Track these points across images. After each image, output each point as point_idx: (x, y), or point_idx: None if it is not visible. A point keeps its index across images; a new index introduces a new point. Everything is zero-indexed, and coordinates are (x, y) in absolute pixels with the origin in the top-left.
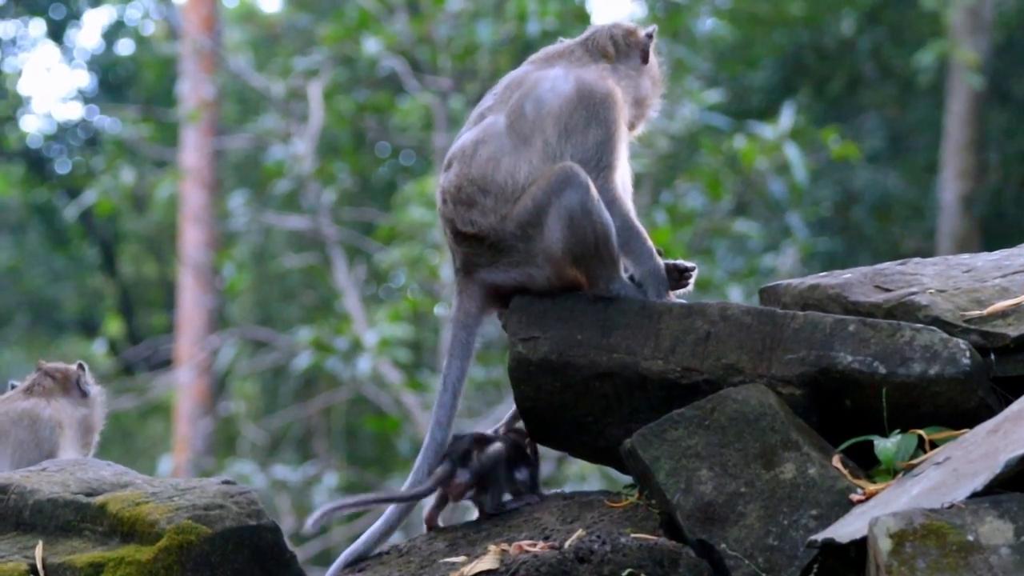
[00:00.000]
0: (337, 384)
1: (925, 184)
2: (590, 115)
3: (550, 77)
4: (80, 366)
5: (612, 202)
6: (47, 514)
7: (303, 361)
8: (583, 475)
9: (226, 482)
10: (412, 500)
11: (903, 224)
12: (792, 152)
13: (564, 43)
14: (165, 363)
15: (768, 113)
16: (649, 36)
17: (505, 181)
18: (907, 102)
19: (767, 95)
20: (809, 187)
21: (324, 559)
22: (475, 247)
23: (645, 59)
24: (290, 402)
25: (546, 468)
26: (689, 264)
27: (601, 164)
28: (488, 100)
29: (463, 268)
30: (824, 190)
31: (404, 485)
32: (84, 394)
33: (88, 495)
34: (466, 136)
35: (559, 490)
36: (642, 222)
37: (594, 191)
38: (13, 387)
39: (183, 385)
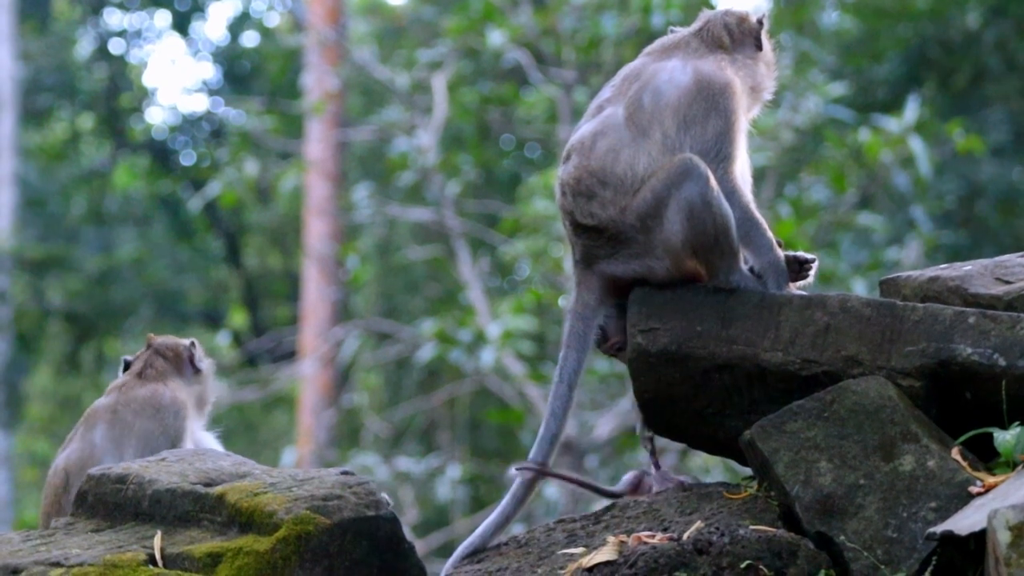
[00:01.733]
0: (461, 376)
1: None
2: (709, 106)
3: (668, 68)
4: (192, 343)
5: (732, 193)
6: (166, 504)
7: (427, 353)
8: (707, 467)
9: (345, 472)
10: (610, 498)
11: None
12: (917, 145)
13: (679, 33)
14: (289, 355)
15: (892, 106)
16: (760, 22)
17: (624, 173)
18: None
19: (892, 88)
20: (933, 180)
21: (446, 551)
22: (594, 239)
23: (759, 46)
24: (413, 394)
25: (669, 460)
26: (809, 256)
27: (721, 155)
28: (606, 92)
29: (582, 260)
30: (948, 183)
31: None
32: (197, 371)
33: (207, 485)
34: (585, 128)
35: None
36: (765, 215)
37: (714, 182)
38: (127, 364)
39: (307, 377)
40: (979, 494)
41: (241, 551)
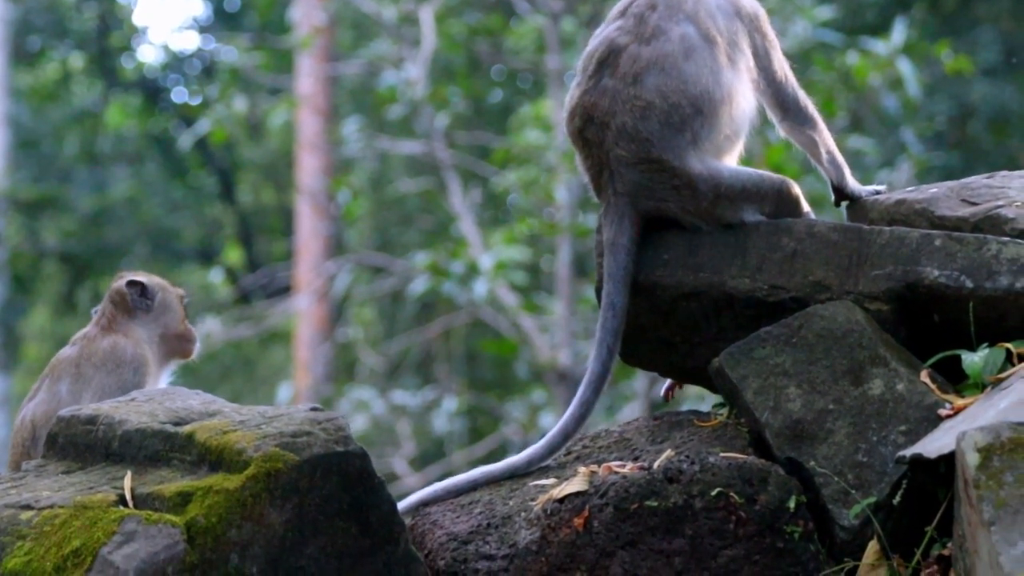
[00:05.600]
0: (455, 308)
1: None
2: (762, 34)
3: None
4: (129, 283)
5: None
6: (135, 444)
7: (419, 286)
8: (701, 395)
9: (314, 408)
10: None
11: (1020, 137)
12: (905, 67)
13: None
14: (284, 290)
15: (881, 29)
16: None
17: (724, 105)
18: (1022, 15)
19: (880, 11)
20: (924, 102)
21: None
22: (654, 175)
23: None
24: (408, 327)
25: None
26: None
27: (790, 82)
28: (652, 14)
29: (629, 194)
30: (940, 104)
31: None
32: (147, 310)
33: (176, 424)
34: (659, 46)
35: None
36: (755, 141)
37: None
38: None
39: (302, 312)
40: (948, 417)
41: (211, 490)
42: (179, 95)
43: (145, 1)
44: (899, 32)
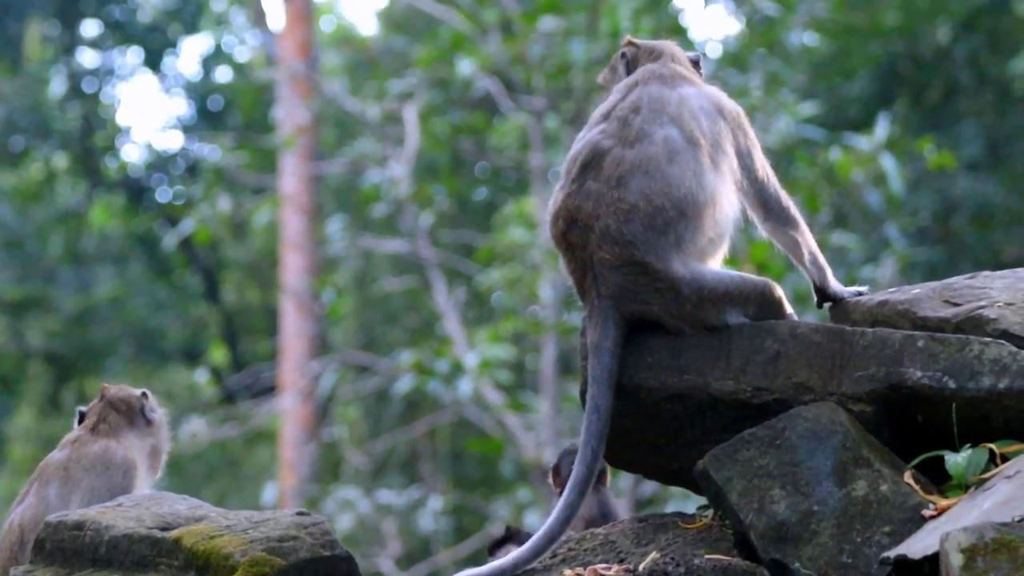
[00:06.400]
0: (440, 407)
1: None
2: (744, 133)
3: (691, 95)
4: (143, 394)
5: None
6: (123, 550)
7: (404, 384)
8: (687, 494)
9: (300, 513)
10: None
11: (1004, 232)
12: (888, 163)
13: (661, 63)
14: (269, 390)
15: (865, 124)
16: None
17: (707, 208)
18: (1005, 109)
19: (864, 106)
20: (908, 197)
21: None
22: (636, 278)
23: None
24: (394, 426)
25: (649, 487)
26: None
27: (773, 181)
28: (630, 116)
29: (613, 297)
30: (923, 199)
31: (552, 514)
32: (149, 422)
33: (163, 530)
34: (643, 149)
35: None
36: (739, 236)
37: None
38: (81, 415)
39: (287, 411)
40: (932, 517)
41: None
42: (163, 195)
43: (128, 101)
44: (882, 128)
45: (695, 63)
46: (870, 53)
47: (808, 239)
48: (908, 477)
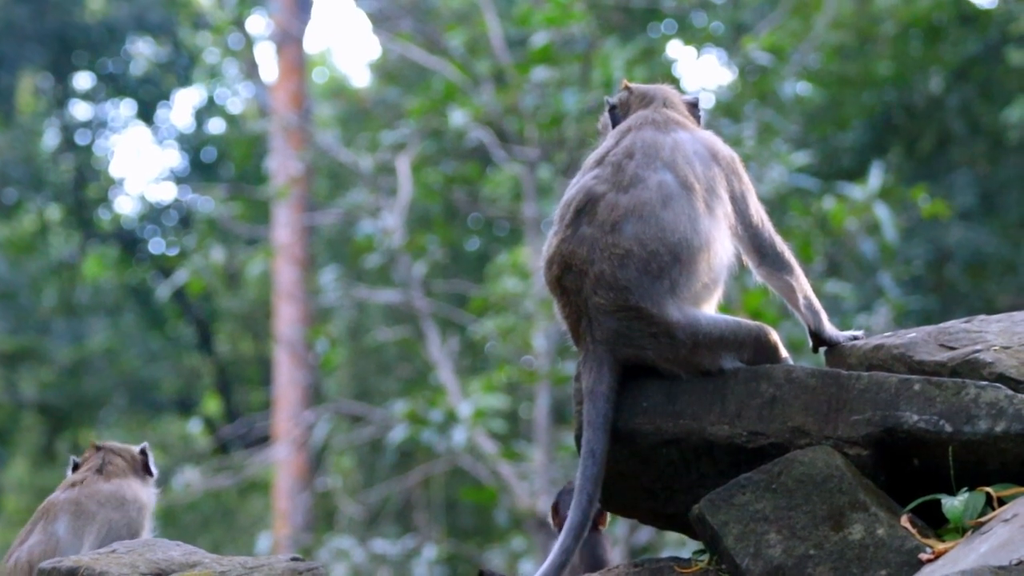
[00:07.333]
0: (434, 457)
1: (1018, 240)
2: (738, 178)
3: (685, 140)
4: (144, 449)
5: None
6: None
7: (398, 434)
8: (683, 540)
9: (294, 558)
10: None
11: (997, 280)
12: (882, 212)
13: (653, 108)
14: (263, 440)
15: (858, 174)
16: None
17: (701, 255)
18: (997, 158)
19: (857, 155)
20: (901, 246)
21: None
22: (631, 323)
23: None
24: (388, 475)
25: (645, 533)
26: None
27: (767, 226)
28: (624, 162)
29: (607, 342)
30: (917, 248)
31: (547, 560)
32: (149, 475)
33: None
34: (637, 194)
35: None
36: (733, 286)
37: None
38: (75, 464)
39: (281, 461)
40: (929, 561)
41: None
42: (156, 246)
43: (122, 153)
44: (875, 177)
45: (693, 104)
46: (863, 103)
47: (803, 283)
48: (905, 521)
